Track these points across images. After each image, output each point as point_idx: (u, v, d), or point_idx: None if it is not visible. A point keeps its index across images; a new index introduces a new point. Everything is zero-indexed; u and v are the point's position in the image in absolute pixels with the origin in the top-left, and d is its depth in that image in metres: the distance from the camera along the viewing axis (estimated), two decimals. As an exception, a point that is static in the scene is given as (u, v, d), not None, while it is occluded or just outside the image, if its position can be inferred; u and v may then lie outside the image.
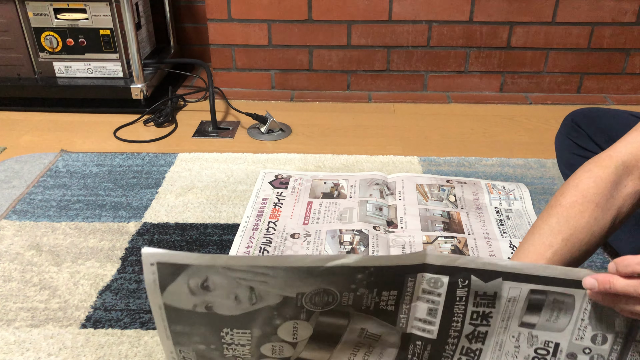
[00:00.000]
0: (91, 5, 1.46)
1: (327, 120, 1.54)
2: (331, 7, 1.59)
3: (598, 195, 0.62)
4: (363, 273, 0.54)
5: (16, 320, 0.84)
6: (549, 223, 0.63)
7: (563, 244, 0.61)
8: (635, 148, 0.63)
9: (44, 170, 1.25)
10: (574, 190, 0.63)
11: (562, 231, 0.61)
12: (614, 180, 0.62)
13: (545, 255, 0.60)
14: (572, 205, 0.62)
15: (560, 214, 0.62)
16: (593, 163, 0.64)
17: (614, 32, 1.61)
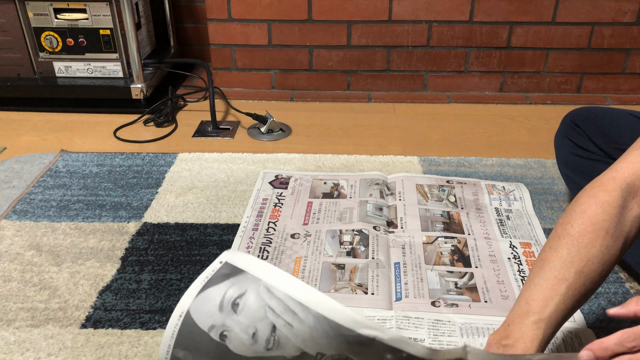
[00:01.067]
0: (91, 5, 1.46)
1: (327, 120, 1.54)
2: (331, 7, 1.59)
3: (607, 222, 0.60)
4: (394, 354, 0.49)
5: (16, 320, 0.84)
6: (559, 255, 0.60)
7: (577, 276, 0.58)
8: (638, 168, 0.61)
9: (44, 170, 1.25)
10: (582, 218, 0.61)
11: (575, 263, 0.59)
12: (620, 205, 0.60)
13: (559, 290, 0.58)
14: (581, 234, 0.60)
15: (571, 245, 0.60)
16: (597, 187, 0.62)
17: (614, 32, 1.61)
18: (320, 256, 0.96)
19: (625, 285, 0.92)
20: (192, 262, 0.96)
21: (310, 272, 0.93)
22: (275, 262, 0.95)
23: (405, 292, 0.88)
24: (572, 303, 0.59)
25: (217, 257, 0.71)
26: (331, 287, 0.89)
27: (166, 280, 0.92)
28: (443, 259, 0.96)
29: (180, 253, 0.99)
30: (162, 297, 0.89)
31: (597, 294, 0.90)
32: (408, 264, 0.94)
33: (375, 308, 0.85)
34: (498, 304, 0.86)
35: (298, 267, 0.94)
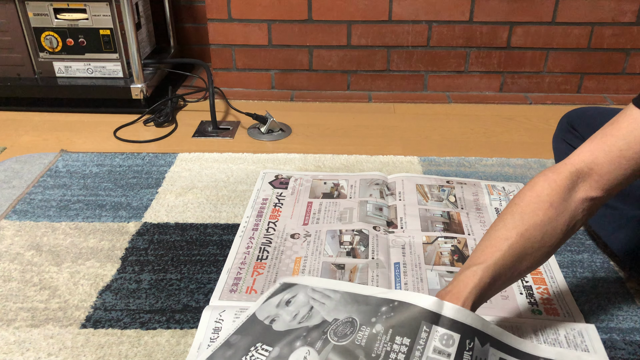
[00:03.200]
0: (91, 5, 1.46)
1: (327, 120, 1.54)
2: (331, 7, 1.59)
3: (552, 196, 0.65)
4: (387, 306, 0.61)
5: (16, 320, 0.84)
6: (504, 220, 0.66)
7: (518, 237, 0.64)
8: (587, 157, 0.66)
9: (44, 170, 1.25)
10: (530, 191, 0.67)
11: (517, 226, 0.64)
12: (567, 185, 0.65)
13: (501, 247, 0.63)
14: (527, 204, 0.66)
15: (515, 212, 0.66)
16: (549, 169, 0.68)
17: (614, 32, 1.61)
18: (320, 256, 0.96)
19: (625, 285, 0.92)
20: (192, 262, 0.96)
21: (310, 272, 0.93)
22: (275, 262, 0.95)
23: (405, 292, 0.88)
24: (512, 260, 0.64)
25: (216, 256, 0.98)
26: (331, 287, 0.89)
27: (166, 280, 0.92)
28: (443, 259, 0.96)
29: (180, 253, 0.99)
30: (162, 297, 0.89)
31: (597, 294, 0.90)
32: (408, 264, 0.94)
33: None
34: (498, 304, 0.86)
35: (298, 267, 0.94)
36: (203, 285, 0.91)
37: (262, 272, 0.93)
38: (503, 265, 0.63)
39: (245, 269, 0.93)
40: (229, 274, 0.92)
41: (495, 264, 0.63)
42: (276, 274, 0.92)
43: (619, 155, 0.65)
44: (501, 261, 0.63)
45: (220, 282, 0.90)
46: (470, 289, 0.61)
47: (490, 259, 0.63)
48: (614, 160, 0.65)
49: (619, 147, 0.65)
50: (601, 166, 0.65)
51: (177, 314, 0.85)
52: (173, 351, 0.78)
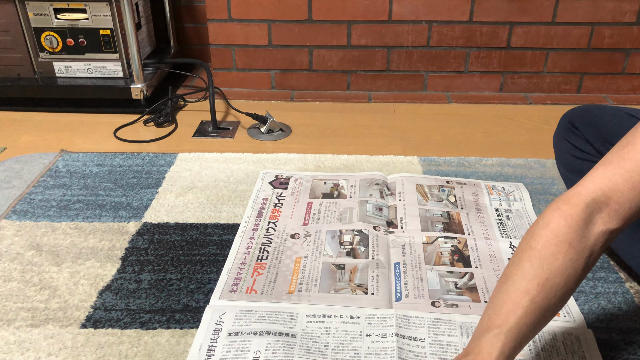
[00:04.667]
0: (91, 5, 1.46)
1: (327, 120, 1.54)
2: (331, 7, 1.59)
3: (570, 234, 0.58)
4: None
5: (16, 320, 0.84)
6: (522, 268, 0.59)
7: (539, 289, 0.57)
8: (604, 184, 0.60)
9: (44, 170, 1.25)
10: (545, 230, 0.59)
11: (537, 275, 0.57)
12: (584, 219, 0.59)
13: (522, 303, 0.57)
14: (544, 247, 0.58)
15: (534, 257, 0.58)
16: (561, 201, 0.61)
17: (614, 32, 1.61)
18: (320, 256, 0.96)
19: (625, 285, 0.92)
20: (192, 262, 0.96)
21: (310, 272, 0.93)
22: (275, 262, 0.95)
23: (405, 293, 0.88)
24: (535, 317, 0.57)
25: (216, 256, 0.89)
26: (331, 287, 0.89)
27: (166, 280, 0.92)
28: (443, 259, 0.96)
29: (180, 253, 0.99)
30: (162, 297, 0.89)
31: (597, 294, 0.90)
32: (408, 264, 0.94)
33: (375, 308, 0.85)
34: (498, 304, 0.86)
35: (298, 268, 0.94)
36: (203, 285, 0.91)
37: (262, 272, 0.93)
38: (527, 323, 0.57)
39: (246, 269, 0.93)
40: (229, 274, 0.92)
41: (518, 324, 0.56)
42: (276, 274, 0.92)
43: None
44: (524, 319, 0.56)
45: (221, 282, 0.90)
46: (495, 358, 0.55)
47: (511, 318, 0.56)
48: (635, 186, 0.58)
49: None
50: (620, 193, 0.59)
51: (177, 314, 0.85)
52: (173, 351, 0.79)
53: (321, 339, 0.79)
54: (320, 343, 0.78)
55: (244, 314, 0.83)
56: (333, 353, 0.77)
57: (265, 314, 0.83)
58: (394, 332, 0.80)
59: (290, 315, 0.83)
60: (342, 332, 0.80)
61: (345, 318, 0.83)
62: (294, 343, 0.78)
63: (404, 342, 0.78)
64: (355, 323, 0.82)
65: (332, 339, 0.79)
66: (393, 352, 0.76)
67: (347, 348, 0.78)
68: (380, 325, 0.81)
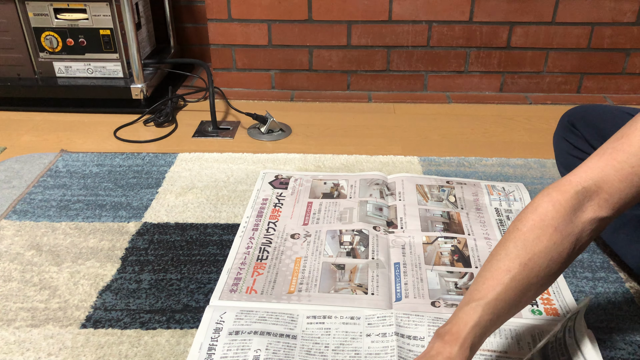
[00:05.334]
0: (91, 5, 1.46)
1: (327, 120, 1.54)
2: (331, 7, 1.59)
3: (557, 219, 0.60)
4: None
5: (16, 320, 0.84)
6: (506, 248, 0.61)
7: (521, 268, 0.59)
8: (596, 174, 0.61)
9: (44, 170, 1.25)
10: (532, 214, 0.61)
11: (520, 255, 0.59)
12: (573, 205, 0.60)
13: (503, 280, 0.59)
14: (530, 230, 0.61)
15: (518, 238, 0.61)
16: (552, 187, 0.63)
17: (614, 32, 1.61)
18: (320, 256, 0.96)
19: (625, 285, 0.92)
20: (192, 262, 0.96)
21: (310, 272, 0.93)
22: (275, 262, 0.95)
23: (405, 293, 0.88)
24: (515, 294, 0.59)
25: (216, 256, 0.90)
26: (331, 287, 0.89)
27: (166, 280, 0.92)
28: (443, 259, 0.96)
29: (180, 253, 0.99)
30: (162, 297, 0.89)
31: (597, 294, 0.90)
32: (408, 264, 0.94)
33: (375, 308, 0.85)
34: (498, 304, 0.86)
35: (298, 268, 0.94)
36: (203, 285, 0.91)
37: (262, 272, 0.93)
38: (505, 299, 0.59)
39: (246, 269, 0.93)
40: (229, 274, 0.92)
41: (497, 299, 0.59)
42: (276, 274, 0.92)
43: (631, 172, 0.60)
44: (503, 295, 0.59)
45: (221, 282, 0.90)
46: (469, 328, 0.57)
47: (490, 293, 0.59)
48: (625, 178, 0.60)
49: (631, 163, 0.60)
50: (611, 184, 0.60)
51: (177, 314, 0.85)
52: (173, 351, 0.79)
53: (321, 340, 0.79)
54: (321, 344, 0.78)
55: (244, 313, 0.83)
56: (333, 354, 0.77)
57: (265, 314, 0.83)
58: (393, 331, 0.80)
59: (290, 317, 0.83)
60: (342, 333, 0.80)
61: (345, 319, 0.83)
62: (294, 344, 0.78)
63: (404, 341, 0.78)
64: (356, 324, 0.82)
65: (332, 339, 0.79)
66: (393, 352, 0.76)
67: (348, 349, 0.78)
68: (380, 325, 0.81)
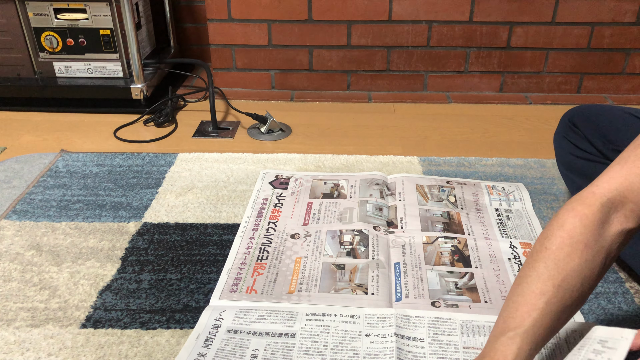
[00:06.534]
0: (91, 5, 1.46)
1: (327, 120, 1.54)
2: (331, 7, 1.59)
3: (585, 234, 0.57)
4: None
5: (16, 320, 0.84)
6: (536, 269, 0.58)
7: (555, 290, 0.56)
8: (619, 183, 0.59)
9: (44, 170, 1.25)
10: (560, 231, 0.58)
11: (553, 277, 0.56)
12: (600, 219, 0.58)
13: (537, 305, 0.56)
14: (559, 248, 0.57)
15: (548, 258, 0.57)
16: (576, 201, 0.60)
17: (614, 32, 1.61)
18: (321, 256, 0.96)
19: (625, 285, 0.92)
20: (192, 262, 0.96)
21: (310, 272, 0.93)
22: (275, 262, 0.95)
23: (406, 293, 0.88)
24: (551, 319, 0.56)
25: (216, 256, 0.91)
26: (331, 287, 0.89)
27: (166, 280, 0.92)
28: (443, 259, 0.96)
29: (180, 253, 0.99)
30: (162, 297, 0.89)
31: (597, 293, 0.90)
32: (408, 264, 0.94)
33: (375, 308, 0.85)
34: (498, 304, 0.86)
35: (298, 268, 0.94)
36: (203, 285, 0.91)
37: (262, 272, 0.93)
38: (542, 325, 0.56)
39: (246, 269, 0.93)
40: (229, 274, 0.92)
41: (534, 326, 0.55)
42: (276, 274, 0.92)
43: None
44: (540, 321, 0.55)
45: (221, 282, 0.91)
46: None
47: (527, 320, 0.55)
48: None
49: None
50: (637, 193, 0.58)
51: (177, 314, 0.85)
52: (173, 351, 0.79)
53: (320, 338, 0.79)
54: (320, 343, 0.78)
55: (243, 312, 0.83)
56: (332, 353, 0.77)
57: (265, 312, 0.83)
58: (393, 332, 0.80)
59: (289, 314, 0.83)
60: (342, 332, 0.80)
61: (345, 317, 0.83)
62: (292, 344, 0.78)
63: (403, 343, 0.78)
64: (355, 323, 0.82)
65: (331, 338, 0.79)
66: (392, 353, 0.76)
67: (346, 348, 0.78)
68: (379, 325, 0.81)
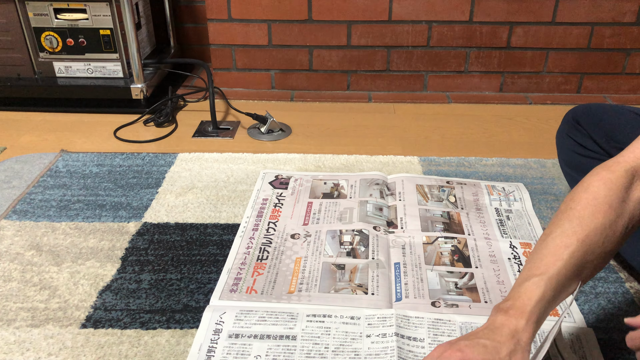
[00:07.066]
0: (91, 5, 1.46)
1: (327, 120, 1.54)
2: (331, 7, 1.59)
3: (610, 197, 0.60)
4: None
5: (16, 320, 0.84)
6: (561, 226, 0.60)
7: (579, 244, 0.59)
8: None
9: (44, 170, 1.25)
10: (585, 193, 0.61)
11: (577, 232, 0.59)
12: (624, 183, 0.61)
13: (562, 256, 0.58)
14: (584, 207, 0.60)
15: (573, 216, 0.60)
16: (601, 168, 0.63)
17: (614, 32, 1.61)
18: (321, 256, 0.96)
19: (625, 285, 0.92)
20: (192, 262, 0.96)
21: (310, 272, 0.93)
22: (275, 262, 0.95)
23: (406, 293, 0.88)
24: (573, 271, 0.59)
25: (216, 256, 0.91)
26: (331, 287, 0.89)
27: (166, 280, 0.92)
28: (443, 259, 0.96)
29: (180, 253, 0.99)
30: (162, 297, 0.89)
31: (597, 294, 0.90)
32: (408, 264, 0.94)
33: (375, 308, 0.85)
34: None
35: (298, 268, 0.94)
36: (203, 285, 0.91)
37: (262, 272, 0.93)
38: (566, 274, 0.58)
39: (246, 269, 0.93)
40: (229, 274, 0.92)
41: (559, 274, 0.58)
42: (276, 274, 0.92)
43: None
44: (564, 271, 0.58)
45: (221, 282, 0.90)
46: (534, 302, 0.56)
47: (552, 268, 0.58)
48: None
49: None
50: None
51: (177, 314, 0.85)
52: (173, 351, 0.79)
53: (321, 340, 0.79)
54: (321, 345, 0.78)
55: (244, 314, 0.83)
56: (333, 355, 0.77)
57: (265, 314, 0.83)
58: (393, 332, 0.80)
59: (290, 315, 0.83)
60: (342, 333, 0.80)
61: (345, 319, 0.83)
62: (294, 347, 0.78)
63: (404, 342, 0.78)
64: (356, 324, 0.82)
65: (332, 340, 0.79)
66: (393, 352, 0.76)
67: (347, 350, 0.78)
68: (380, 325, 0.81)
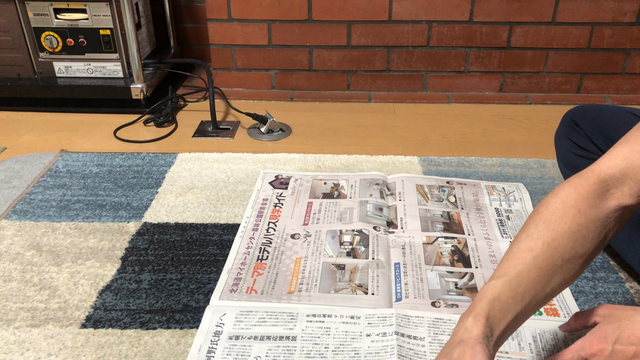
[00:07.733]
0: (91, 5, 1.46)
1: (327, 120, 1.54)
2: (331, 7, 1.59)
3: (580, 201, 0.59)
4: None
5: (16, 320, 0.84)
6: (527, 230, 0.60)
7: (544, 247, 0.57)
8: (620, 161, 0.60)
9: (44, 170, 1.25)
10: (554, 198, 0.61)
11: (542, 235, 0.58)
12: (596, 191, 0.59)
13: (524, 259, 0.57)
14: (552, 211, 0.59)
15: (540, 220, 0.59)
16: (575, 176, 0.62)
17: (614, 32, 1.61)
18: (321, 256, 0.96)
19: (624, 285, 0.92)
20: (192, 262, 0.96)
21: (311, 272, 0.93)
22: (275, 262, 0.95)
23: (406, 293, 0.88)
24: (538, 274, 0.57)
25: (216, 256, 0.90)
26: (331, 287, 0.89)
27: (166, 280, 0.92)
28: (443, 259, 0.96)
29: (180, 253, 0.99)
30: (162, 297, 0.89)
31: (597, 294, 0.90)
32: (408, 265, 0.94)
33: (375, 308, 0.85)
34: (498, 304, 0.86)
35: (298, 268, 0.94)
36: (203, 285, 0.91)
37: (262, 273, 0.93)
38: (528, 277, 0.57)
39: (246, 269, 0.93)
40: (229, 274, 0.92)
41: (519, 276, 0.56)
42: (276, 274, 0.92)
43: None
44: (525, 273, 0.57)
45: (221, 282, 0.90)
46: (486, 301, 0.56)
47: (511, 271, 0.57)
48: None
49: None
50: (637, 171, 0.59)
51: (177, 314, 0.85)
52: (173, 351, 0.79)
53: (321, 340, 0.79)
54: (321, 345, 0.78)
55: (244, 315, 0.83)
56: (333, 355, 0.77)
57: (265, 315, 0.83)
58: (393, 330, 0.80)
59: (290, 316, 0.83)
60: (342, 333, 0.80)
61: (345, 318, 0.83)
62: (294, 347, 0.78)
63: (404, 340, 0.78)
64: (356, 323, 0.82)
65: (332, 339, 0.79)
66: (393, 350, 0.76)
67: (347, 349, 0.78)
68: (380, 324, 0.81)
